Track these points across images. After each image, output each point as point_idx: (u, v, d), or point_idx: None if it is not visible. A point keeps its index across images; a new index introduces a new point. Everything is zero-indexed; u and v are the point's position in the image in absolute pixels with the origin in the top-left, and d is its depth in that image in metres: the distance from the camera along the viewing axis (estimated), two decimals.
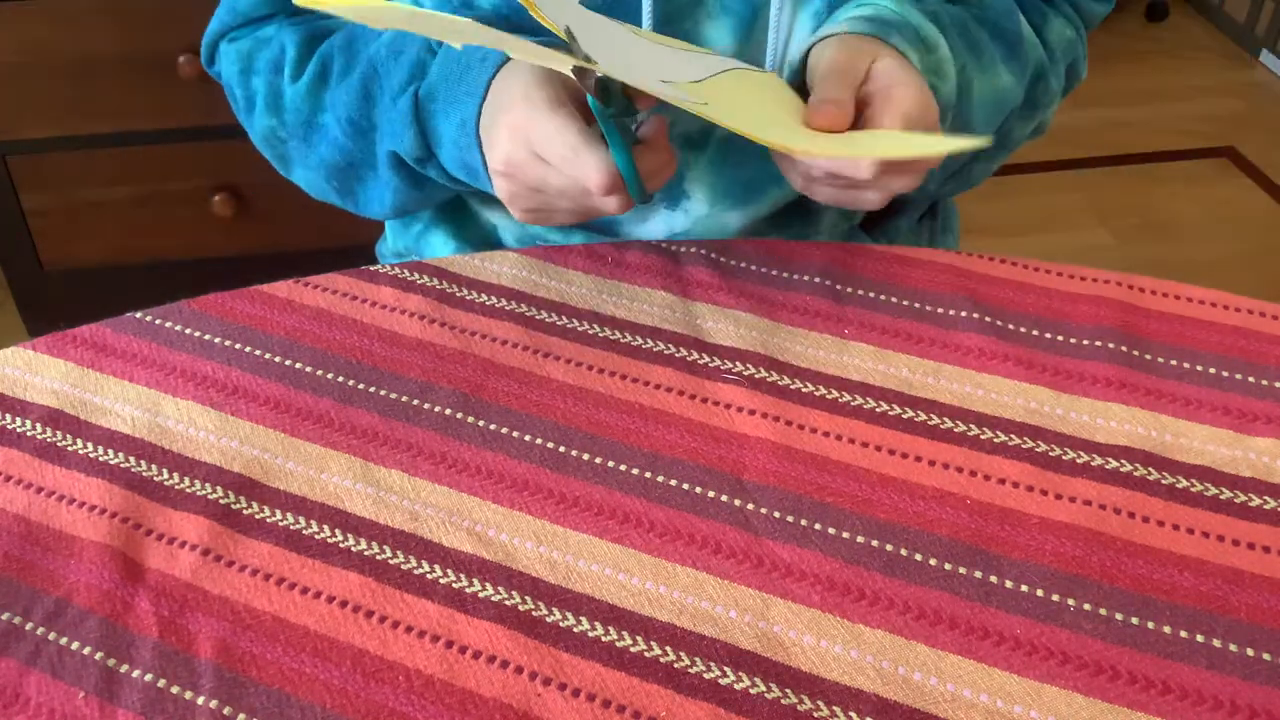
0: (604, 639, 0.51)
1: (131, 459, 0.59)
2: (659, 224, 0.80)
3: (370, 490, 0.57)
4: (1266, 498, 0.58)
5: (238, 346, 0.65)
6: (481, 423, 0.61)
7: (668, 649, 0.51)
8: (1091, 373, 0.64)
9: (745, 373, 0.64)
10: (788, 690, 0.49)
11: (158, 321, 0.67)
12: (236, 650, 0.50)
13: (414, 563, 0.54)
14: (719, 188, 0.80)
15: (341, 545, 0.55)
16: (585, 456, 0.59)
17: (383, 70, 0.74)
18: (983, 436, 0.61)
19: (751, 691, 0.49)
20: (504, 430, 0.61)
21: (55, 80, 1.61)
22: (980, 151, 0.82)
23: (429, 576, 0.53)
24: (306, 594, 0.53)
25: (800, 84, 0.70)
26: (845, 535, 0.55)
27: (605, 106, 0.59)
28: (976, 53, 0.77)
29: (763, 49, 0.75)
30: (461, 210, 0.87)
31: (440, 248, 0.86)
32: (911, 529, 0.56)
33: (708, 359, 0.65)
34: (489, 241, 0.86)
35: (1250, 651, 0.51)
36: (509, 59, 0.66)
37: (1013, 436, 0.61)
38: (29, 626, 0.51)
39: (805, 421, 0.61)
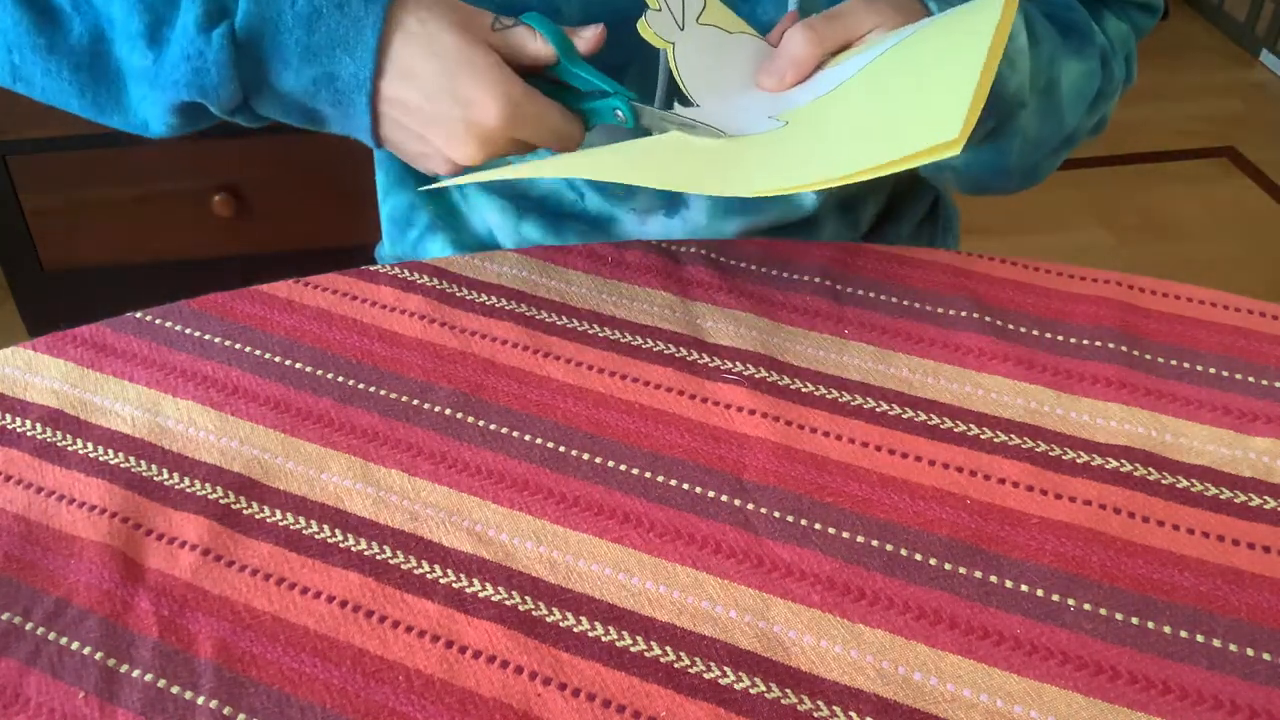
0: (604, 639, 0.51)
1: (131, 459, 0.59)
2: (655, 230, 0.80)
3: (370, 490, 0.57)
4: (1266, 498, 0.58)
5: (238, 346, 0.65)
6: (481, 422, 0.61)
7: (668, 649, 0.51)
8: (1091, 373, 0.64)
9: (745, 373, 0.64)
10: (788, 690, 0.49)
11: (158, 321, 0.67)
12: (236, 650, 0.50)
13: (414, 563, 0.54)
14: (718, 199, 0.80)
15: (341, 545, 0.55)
16: (585, 456, 0.59)
17: None
18: (983, 436, 0.61)
19: (751, 691, 0.49)
20: (504, 430, 0.61)
21: None
22: (1048, 148, 0.81)
23: (429, 576, 0.53)
24: (306, 594, 0.53)
25: None
26: (845, 535, 0.55)
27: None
28: (1056, 46, 0.76)
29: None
30: (458, 217, 0.87)
31: (438, 254, 0.86)
32: (911, 529, 0.56)
33: (708, 359, 0.65)
34: (486, 246, 0.86)
35: (1250, 651, 0.51)
36: (386, 13, 0.61)
37: (1013, 436, 0.61)
38: (29, 626, 0.51)
39: (805, 421, 0.61)
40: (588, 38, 0.64)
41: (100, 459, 0.59)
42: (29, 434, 0.60)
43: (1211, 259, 2.07)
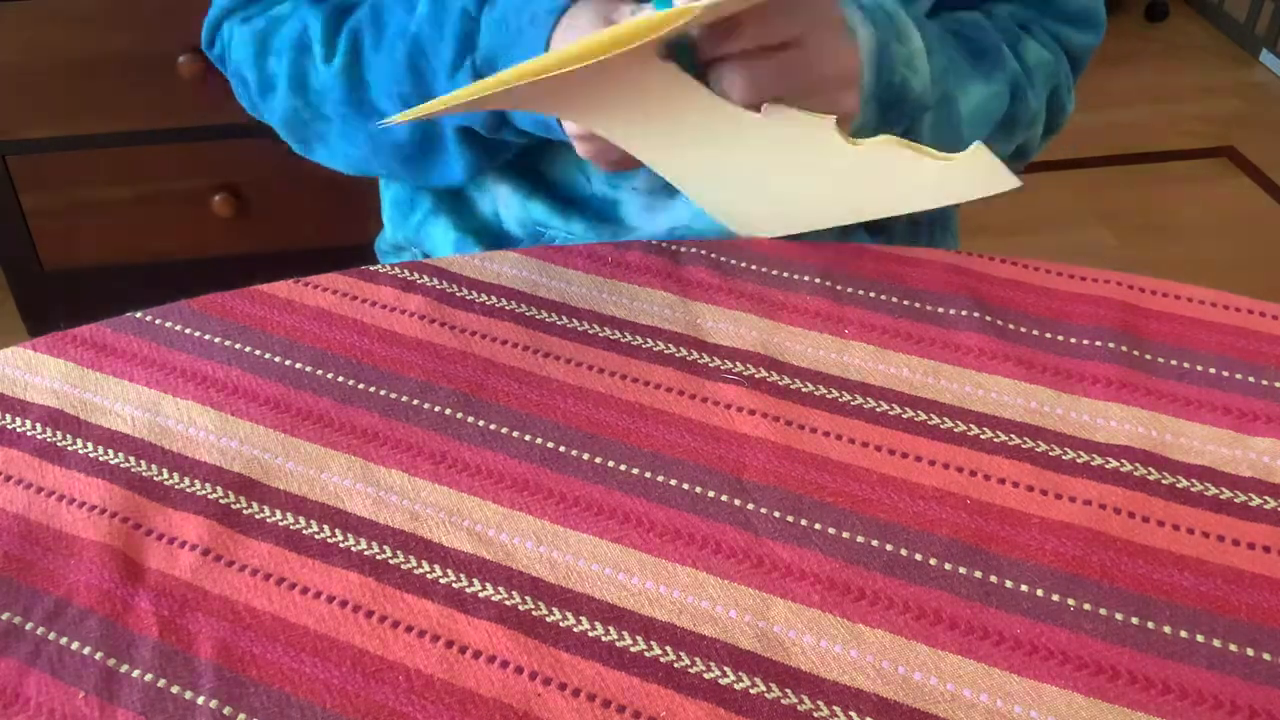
0: (604, 639, 0.51)
1: (131, 459, 0.59)
2: (664, 217, 0.80)
3: (370, 490, 0.57)
4: (1266, 498, 0.58)
5: (238, 346, 0.65)
6: (481, 422, 0.61)
7: (668, 649, 0.51)
8: (1091, 373, 0.64)
9: (745, 373, 0.64)
10: (788, 690, 0.49)
11: (158, 321, 0.67)
12: (236, 650, 0.50)
13: (414, 563, 0.54)
14: None
15: (341, 545, 0.55)
16: (585, 456, 0.59)
17: (429, 44, 0.73)
18: (983, 436, 0.61)
19: (751, 691, 0.49)
20: (504, 430, 0.61)
21: (55, 80, 1.62)
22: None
23: (429, 576, 0.53)
24: (306, 594, 0.53)
25: None
26: (845, 535, 0.55)
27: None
28: (957, 66, 0.76)
29: None
30: (462, 199, 0.87)
31: (441, 238, 0.86)
32: (911, 529, 0.56)
33: (708, 359, 0.65)
34: (490, 229, 0.85)
35: (1250, 651, 0.51)
36: (562, 12, 0.66)
37: (1013, 436, 0.61)
38: (29, 626, 0.51)
39: (805, 421, 0.61)
40: None
41: (100, 459, 0.59)
42: (29, 434, 0.60)
43: (1211, 259, 2.07)
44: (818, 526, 0.56)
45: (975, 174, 0.64)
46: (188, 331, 0.66)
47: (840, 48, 0.67)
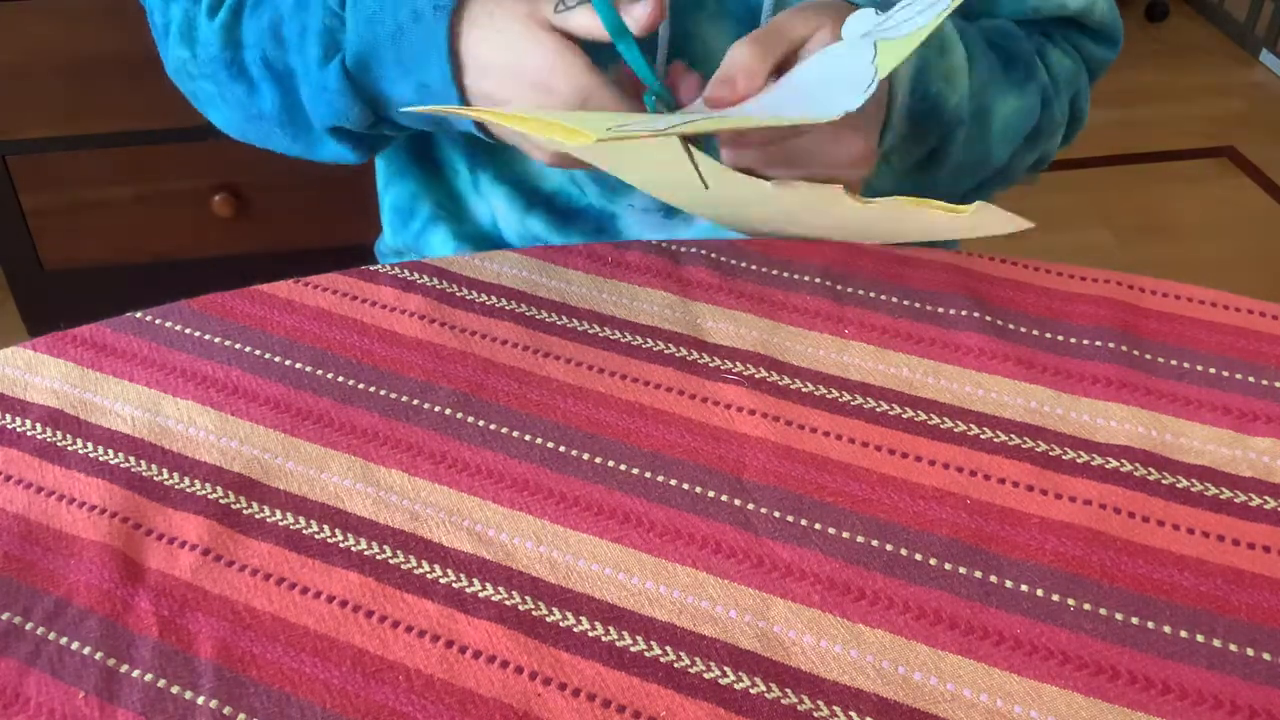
0: (604, 639, 0.51)
1: (131, 459, 0.59)
2: (662, 234, 0.80)
3: (370, 490, 0.57)
4: (1266, 498, 0.58)
5: (238, 346, 0.65)
6: (481, 422, 0.61)
7: (668, 649, 0.51)
8: (1091, 373, 0.64)
9: (745, 373, 0.64)
10: (788, 690, 0.49)
11: (158, 321, 0.67)
12: (236, 650, 0.50)
13: (414, 563, 0.54)
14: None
15: (341, 545, 0.55)
16: (585, 456, 0.59)
17: (289, 20, 0.70)
18: (983, 436, 0.61)
19: (751, 691, 0.49)
20: (504, 430, 0.61)
21: (55, 80, 1.62)
22: (981, 183, 0.81)
23: (429, 576, 0.53)
24: (306, 594, 0.53)
25: None
26: (845, 535, 0.55)
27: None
28: (994, 77, 0.76)
29: None
30: (461, 207, 0.87)
31: (440, 246, 0.86)
32: (911, 529, 0.56)
33: (708, 359, 0.65)
34: (489, 239, 0.86)
35: (1250, 651, 0.51)
36: (451, 15, 0.64)
37: (1013, 436, 0.61)
38: (29, 626, 0.51)
39: (805, 421, 0.61)
40: (638, 17, 0.63)
41: (100, 459, 0.59)
42: (29, 434, 0.60)
43: (1211, 259, 2.07)
44: (818, 526, 0.56)
45: (984, 222, 0.65)
46: (188, 331, 0.66)
47: (852, 136, 0.66)
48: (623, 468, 0.59)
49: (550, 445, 0.60)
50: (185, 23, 0.76)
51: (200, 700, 0.49)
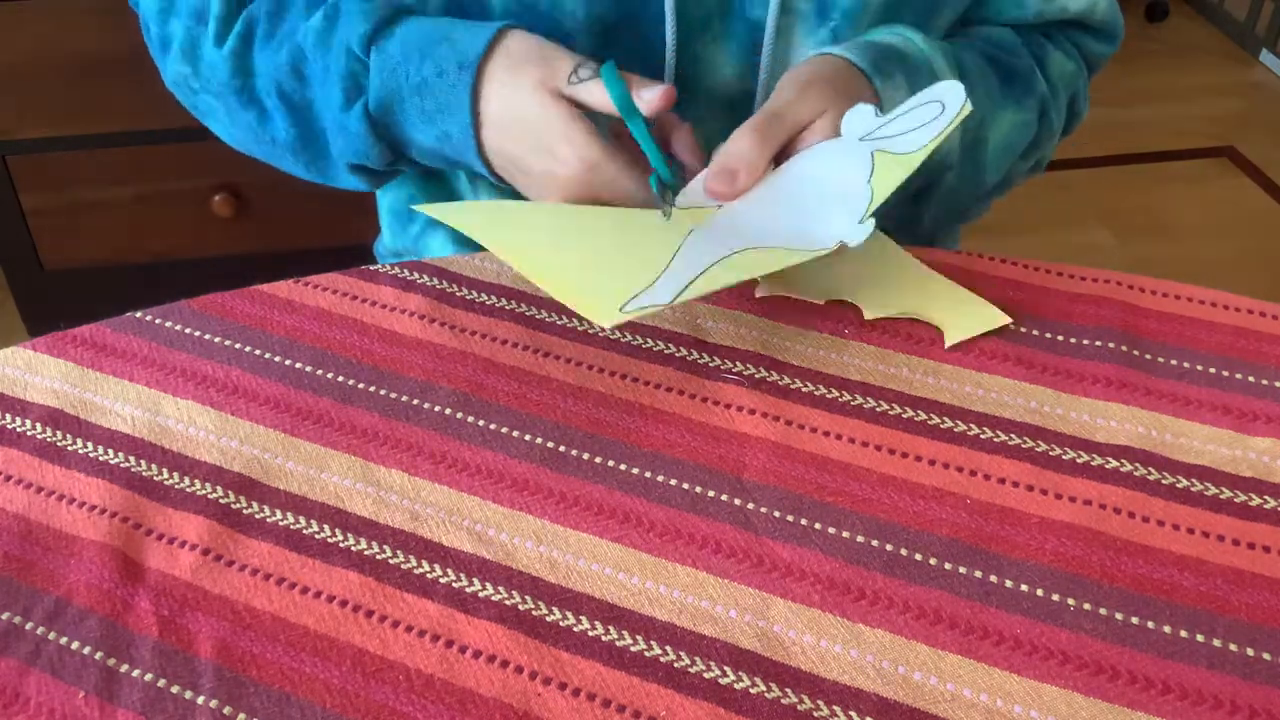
0: (604, 639, 0.51)
1: (131, 459, 0.59)
2: None
3: (370, 490, 0.57)
4: (1266, 498, 0.58)
5: (238, 346, 0.65)
6: (481, 422, 0.61)
7: (668, 649, 0.51)
8: (1091, 373, 0.64)
9: (745, 372, 0.64)
10: (788, 690, 0.49)
11: (158, 321, 0.67)
12: (236, 650, 0.50)
13: (414, 563, 0.54)
14: None
15: (341, 545, 0.55)
16: (585, 456, 0.59)
17: (312, 59, 0.72)
18: (983, 436, 0.61)
19: (751, 691, 0.49)
20: (504, 430, 0.61)
21: (55, 80, 1.61)
22: (976, 197, 0.82)
23: (429, 576, 0.53)
24: (306, 594, 0.53)
25: None
26: (845, 535, 0.55)
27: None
28: (993, 100, 0.76)
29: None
30: None
31: (439, 249, 0.86)
32: (911, 529, 0.56)
33: (708, 359, 0.65)
34: None
35: (1250, 651, 0.51)
36: (478, 68, 0.67)
37: (1013, 436, 0.61)
38: (29, 626, 0.51)
39: (805, 421, 0.61)
40: (648, 100, 0.65)
41: (100, 459, 0.59)
42: (29, 434, 0.60)
43: (1211, 259, 2.07)
44: (818, 526, 0.56)
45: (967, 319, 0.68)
46: (188, 331, 0.66)
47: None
48: (623, 468, 0.59)
49: (550, 445, 0.60)
50: (188, 41, 0.77)
51: (200, 700, 0.49)
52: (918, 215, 0.79)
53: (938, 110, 0.63)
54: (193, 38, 0.77)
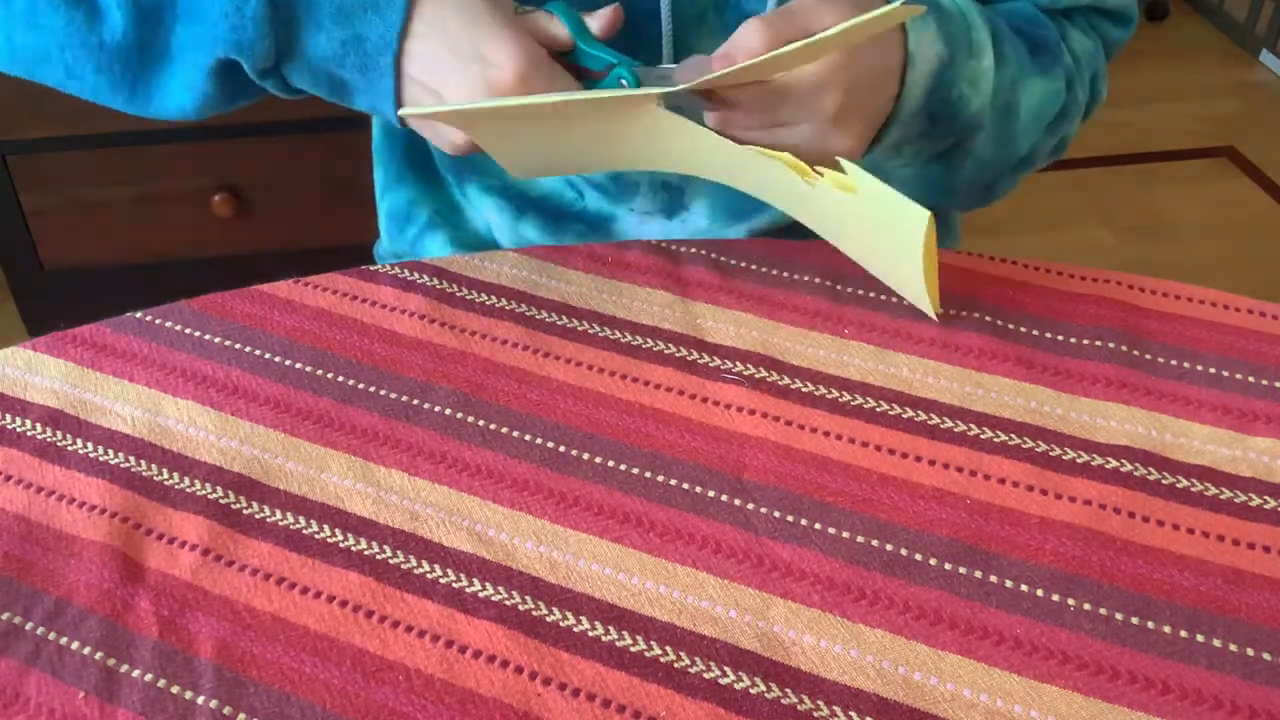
0: (604, 639, 0.51)
1: (131, 459, 0.59)
2: (655, 232, 0.80)
3: (370, 490, 0.57)
4: (1266, 498, 0.58)
5: (238, 346, 0.65)
6: (481, 422, 0.61)
7: (668, 649, 0.51)
8: (1091, 373, 0.64)
9: (745, 373, 0.64)
10: (788, 690, 0.49)
11: (158, 321, 0.67)
12: (236, 650, 0.50)
13: (414, 563, 0.54)
14: (719, 203, 0.80)
15: (341, 545, 0.55)
16: (585, 456, 0.59)
17: None
18: (983, 436, 0.61)
19: (751, 691, 0.49)
20: (504, 430, 0.61)
21: None
22: (1006, 167, 0.81)
23: (429, 576, 0.53)
24: (306, 594, 0.53)
25: None
26: (845, 535, 0.55)
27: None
28: (1023, 67, 0.76)
29: None
30: (458, 214, 0.87)
31: (438, 251, 0.86)
32: (911, 529, 0.56)
33: (708, 359, 0.65)
34: (486, 244, 0.86)
35: (1250, 651, 0.51)
36: None
37: (1013, 436, 0.61)
38: (29, 626, 0.51)
39: (805, 421, 0.61)
40: (603, 17, 0.65)
41: (100, 459, 0.59)
42: (29, 434, 0.60)
43: (1211, 259, 2.07)
44: (818, 526, 0.56)
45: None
46: (188, 331, 0.66)
47: (835, 139, 0.65)
48: (623, 468, 0.59)
49: (550, 445, 0.60)
50: None
51: (200, 700, 0.49)
52: (952, 184, 0.78)
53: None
54: None
